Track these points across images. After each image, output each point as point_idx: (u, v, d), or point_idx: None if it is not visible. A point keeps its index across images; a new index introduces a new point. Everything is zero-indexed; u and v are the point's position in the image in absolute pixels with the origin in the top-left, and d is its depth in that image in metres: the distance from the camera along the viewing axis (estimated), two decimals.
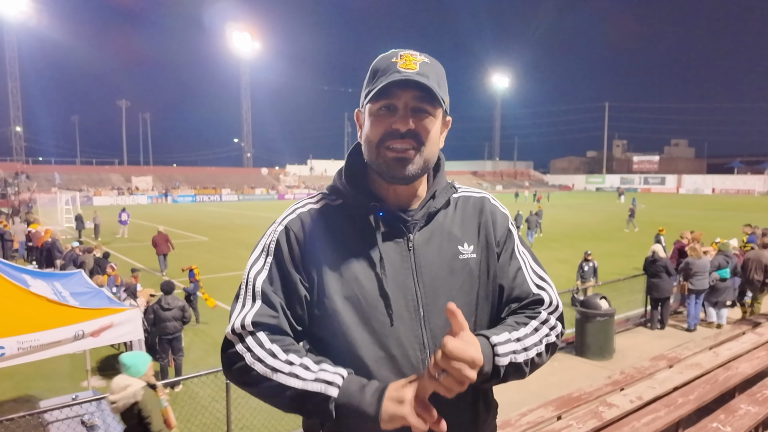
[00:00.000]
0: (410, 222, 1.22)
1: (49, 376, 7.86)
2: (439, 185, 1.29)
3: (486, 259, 1.28)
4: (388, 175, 1.19)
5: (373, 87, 1.16)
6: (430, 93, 1.14)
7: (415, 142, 1.17)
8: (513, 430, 4.26)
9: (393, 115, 1.16)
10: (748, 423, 3.90)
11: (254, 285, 1.20)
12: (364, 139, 1.23)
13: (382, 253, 1.19)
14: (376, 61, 1.22)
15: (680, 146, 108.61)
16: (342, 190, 1.27)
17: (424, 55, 1.20)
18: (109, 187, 55.94)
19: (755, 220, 19.76)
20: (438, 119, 1.21)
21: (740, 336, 6.72)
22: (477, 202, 1.35)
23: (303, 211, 1.26)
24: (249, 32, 75.30)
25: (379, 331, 1.16)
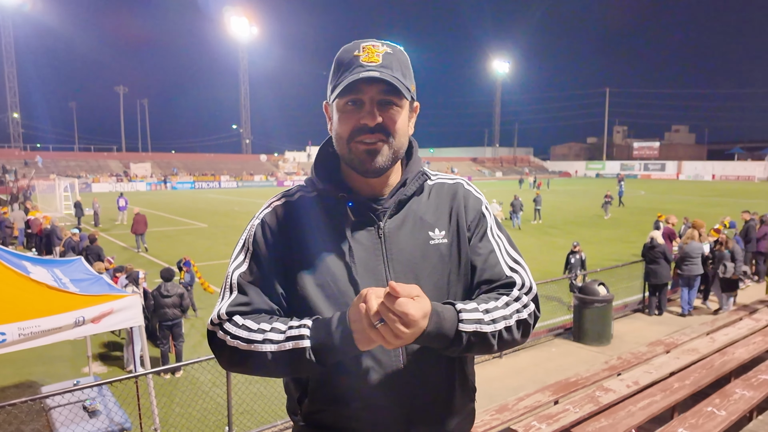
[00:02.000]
0: (380, 210, 1.26)
1: (49, 362, 7.92)
2: (411, 173, 1.32)
3: (457, 243, 1.31)
4: (361, 169, 1.23)
5: (338, 83, 1.19)
6: (394, 86, 1.16)
7: (384, 135, 1.20)
8: (511, 413, 4.31)
9: (360, 110, 1.19)
10: (743, 407, 3.94)
11: (231, 278, 1.26)
12: (335, 134, 1.26)
13: (352, 242, 1.23)
14: (339, 54, 1.24)
15: (681, 132, 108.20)
16: (316, 184, 1.31)
17: (387, 44, 1.22)
18: (108, 174, 55.79)
19: (755, 206, 19.79)
20: (405, 109, 1.24)
21: (737, 322, 6.77)
22: (450, 188, 1.37)
23: (278, 204, 1.32)
24: (247, 17, 74.58)
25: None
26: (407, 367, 1.22)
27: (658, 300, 9.48)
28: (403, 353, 1.21)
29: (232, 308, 1.21)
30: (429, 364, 1.25)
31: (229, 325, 1.19)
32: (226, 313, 1.21)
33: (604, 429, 3.73)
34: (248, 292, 1.23)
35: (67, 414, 4.91)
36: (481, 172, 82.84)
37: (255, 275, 1.25)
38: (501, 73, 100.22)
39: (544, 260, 15.19)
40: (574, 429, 3.83)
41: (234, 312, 1.21)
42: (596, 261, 13.53)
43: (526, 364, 7.43)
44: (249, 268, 1.26)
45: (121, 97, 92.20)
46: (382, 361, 1.21)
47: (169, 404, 6.49)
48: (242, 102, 79.74)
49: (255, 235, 1.28)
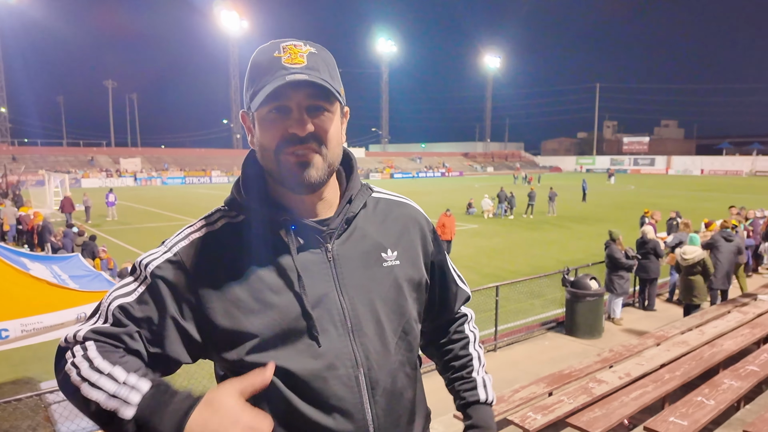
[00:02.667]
0: (326, 231, 1.12)
1: (47, 359, 7.87)
2: (355, 188, 1.19)
3: (411, 266, 1.22)
4: (292, 184, 1.07)
5: (259, 88, 1.03)
6: (324, 89, 1.03)
7: (317, 145, 1.06)
8: (507, 405, 4.41)
9: (286, 117, 1.04)
10: (731, 396, 4.07)
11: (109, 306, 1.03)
12: (260, 147, 1.09)
13: (299, 270, 1.06)
14: (256, 56, 1.08)
15: (670, 127, 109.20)
16: (243, 205, 1.12)
17: (309, 43, 1.08)
18: (97, 169, 55.36)
19: (742, 200, 20.05)
20: (336, 114, 1.10)
21: (726, 315, 6.91)
22: (396, 206, 1.28)
23: (197, 236, 1.09)
24: (237, 11, 74.12)
25: (306, 355, 1.05)
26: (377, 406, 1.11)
27: (647, 294, 9.64)
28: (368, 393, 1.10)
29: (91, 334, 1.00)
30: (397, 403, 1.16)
31: (79, 349, 0.98)
32: (83, 336, 1.00)
33: (598, 419, 3.84)
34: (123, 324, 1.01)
35: (66, 410, 4.95)
36: (473, 167, 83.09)
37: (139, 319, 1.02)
38: (492, 68, 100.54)
39: (535, 255, 15.37)
40: (569, 419, 3.94)
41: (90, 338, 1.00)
42: (587, 255, 13.69)
43: (520, 357, 7.55)
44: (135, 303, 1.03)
45: (110, 92, 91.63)
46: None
47: None
48: (232, 96, 79.36)
49: (162, 273, 1.04)
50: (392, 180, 63.08)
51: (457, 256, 15.03)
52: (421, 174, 71.17)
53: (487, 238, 18.49)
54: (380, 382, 1.11)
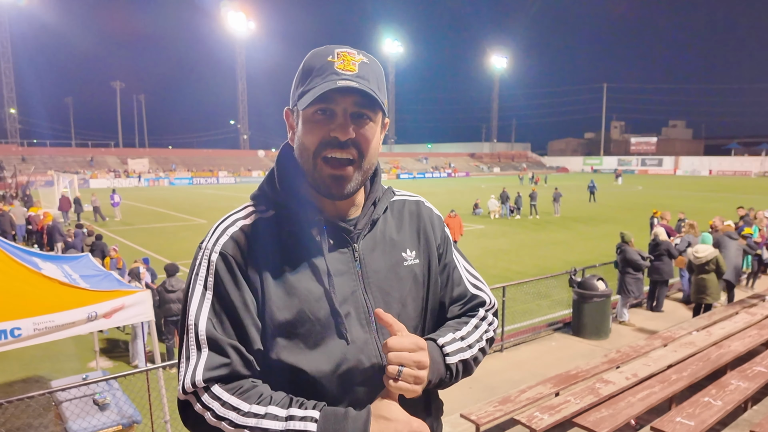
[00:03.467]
0: (354, 232, 1.16)
1: (56, 358, 8.02)
2: (379, 192, 1.24)
3: (428, 264, 1.27)
4: (325, 193, 1.12)
5: (308, 89, 1.07)
6: (372, 98, 1.07)
7: (356, 153, 1.09)
8: (513, 405, 4.43)
9: (331, 120, 1.08)
10: (738, 397, 4.07)
11: (197, 331, 1.06)
12: (299, 145, 1.13)
13: (330, 269, 1.11)
14: (309, 58, 1.12)
15: (678, 127, 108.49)
16: (277, 201, 1.16)
17: (363, 53, 1.12)
18: (105, 170, 55.73)
19: (751, 201, 19.94)
20: (378, 124, 1.14)
21: (733, 316, 6.89)
22: (412, 205, 1.32)
23: (235, 230, 1.12)
24: (244, 12, 74.38)
25: (335, 352, 1.09)
26: None
27: (657, 295, 9.60)
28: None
29: (209, 373, 1.02)
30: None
31: (209, 398, 1.01)
32: (203, 379, 1.01)
33: (605, 419, 3.85)
34: (224, 348, 1.04)
35: (77, 407, 5.01)
36: (479, 167, 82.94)
37: (224, 322, 1.06)
38: (499, 68, 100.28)
39: (542, 255, 15.33)
40: (576, 419, 3.96)
41: (212, 378, 1.02)
42: (594, 256, 13.67)
43: (526, 357, 7.56)
44: (217, 315, 1.07)
45: (117, 93, 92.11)
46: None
47: (175, 398, 6.59)
48: (240, 97, 79.62)
49: (217, 271, 1.08)
50: (398, 180, 63.08)
51: None
52: (427, 174, 71.16)
53: (494, 239, 18.48)
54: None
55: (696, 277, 7.95)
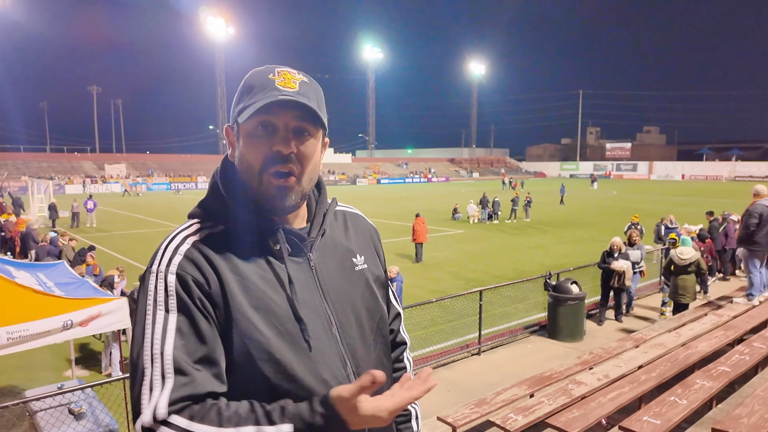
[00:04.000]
0: (308, 240, 1.19)
1: (30, 367, 7.88)
2: (326, 204, 1.29)
3: (375, 267, 1.34)
4: (269, 206, 1.13)
5: (250, 103, 1.09)
6: (312, 112, 1.10)
7: (299, 167, 1.12)
8: (489, 407, 4.53)
9: (272, 135, 1.09)
10: (703, 396, 4.21)
11: (163, 360, 0.99)
12: (241, 162, 1.14)
13: (291, 275, 1.13)
14: (249, 77, 1.15)
15: (652, 133, 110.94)
16: (226, 216, 1.15)
17: (302, 73, 1.15)
18: (81, 175, 54.75)
19: (721, 205, 20.50)
20: (318, 141, 1.16)
21: (702, 317, 7.10)
22: (355, 217, 1.38)
23: (187, 248, 1.09)
24: (223, 17, 73.92)
25: (301, 359, 1.10)
26: None
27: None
28: None
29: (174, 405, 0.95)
30: None
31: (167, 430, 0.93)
32: (167, 412, 0.94)
33: (576, 419, 3.96)
34: (191, 375, 0.99)
35: (52, 417, 4.95)
36: (459, 172, 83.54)
37: (194, 347, 1.01)
38: (477, 75, 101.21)
39: (519, 259, 15.55)
40: (549, 419, 4.05)
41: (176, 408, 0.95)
42: (569, 260, 13.91)
43: (503, 360, 7.68)
44: (185, 338, 1.01)
45: (94, 97, 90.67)
46: None
47: None
48: (218, 102, 78.89)
49: (179, 293, 1.04)
50: (379, 185, 63.19)
51: (443, 260, 15.19)
52: (407, 180, 71.47)
53: (473, 243, 18.66)
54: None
55: (676, 278, 8.21)
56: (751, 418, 3.61)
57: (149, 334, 1.02)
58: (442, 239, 19.56)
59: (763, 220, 7.02)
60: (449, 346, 8.09)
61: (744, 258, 7.48)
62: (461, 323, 8.62)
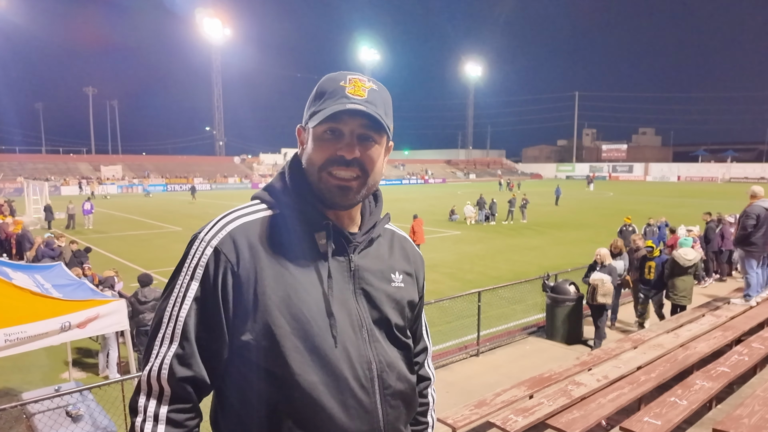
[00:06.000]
0: (353, 243, 1.23)
1: (27, 369, 7.84)
2: (379, 215, 1.33)
3: (411, 291, 1.36)
4: (329, 202, 1.19)
5: (320, 110, 1.15)
6: (378, 122, 1.16)
7: (360, 171, 1.17)
8: (489, 408, 4.52)
9: (338, 140, 1.15)
10: (702, 396, 4.22)
11: (175, 323, 1.12)
12: (307, 159, 1.21)
13: (331, 271, 1.18)
14: (323, 82, 1.21)
15: (647, 135, 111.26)
16: (286, 202, 1.22)
17: (372, 80, 1.21)
18: (77, 177, 54.55)
19: (717, 206, 20.55)
20: (383, 147, 1.22)
21: (700, 318, 7.12)
22: (402, 239, 1.42)
23: (234, 228, 1.16)
24: (220, 18, 73.88)
25: (325, 353, 1.13)
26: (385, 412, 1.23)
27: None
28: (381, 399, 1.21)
29: (172, 377, 1.10)
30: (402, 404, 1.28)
31: (151, 404, 1.10)
32: (168, 382, 1.10)
33: (577, 420, 3.96)
34: (192, 353, 1.11)
35: (49, 420, 4.92)
36: (455, 174, 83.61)
37: (204, 320, 1.12)
38: (474, 76, 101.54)
39: (517, 260, 15.56)
40: (549, 421, 4.05)
41: (174, 380, 1.10)
42: (566, 261, 13.92)
43: (502, 361, 7.68)
44: (199, 308, 1.12)
45: (90, 99, 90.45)
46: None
47: None
48: (215, 104, 78.84)
49: (208, 267, 1.12)
50: None
51: (440, 262, 15.18)
52: (404, 181, 71.56)
53: (470, 245, 18.67)
54: (390, 383, 1.22)
55: (677, 279, 8.26)
56: (751, 418, 3.62)
57: (172, 292, 1.14)
58: (439, 240, 19.57)
59: (760, 222, 7.04)
60: (448, 347, 8.08)
61: (741, 259, 7.50)
62: (459, 324, 8.62)
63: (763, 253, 7.22)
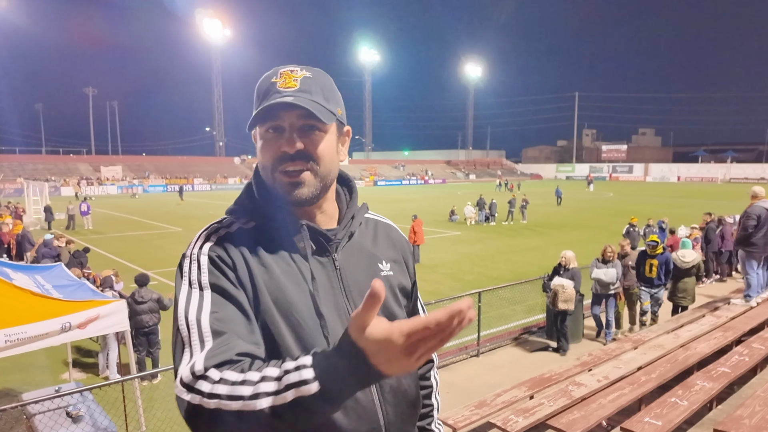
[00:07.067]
0: (333, 241, 1.21)
1: (27, 370, 7.84)
2: (356, 207, 1.32)
3: (402, 276, 1.34)
4: (285, 199, 1.17)
5: (255, 111, 1.14)
6: (316, 108, 1.12)
7: (307, 162, 1.14)
8: (489, 408, 4.53)
9: (281, 136, 1.14)
10: (703, 397, 4.22)
11: (200, 327, 1.03)
12: (260, 163, 1.21)
13: (314, 271, 1.16)
14: (259, 82, 1.19)
15: (647, 135, 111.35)
16: (257, 211, 1.21)
17: (306, 68, 1.18)
18: (77, 177, 54.56)
19: (716, 206, 20.58)
20: (331, 133, 1.18)
21: (700, 318, 7.12)
22: (386, 226, 1.40)
23: (219, 236, 1.16)
24: (219, 19, 73.91)
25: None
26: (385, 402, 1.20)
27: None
28: (378, 393, 1.18)
29: (209, 360, 0.96)
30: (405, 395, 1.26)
31: (203, 382, 0.93)
32: (203, 367, 0.95)
33: (577, 421, 3.96)
34: (229, 340, 1.01)
35: (49, 421, 4.92)
36: (455, 174, 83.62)
37: (230, 318, 1.06)
38: (473, 77, 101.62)
39: (517, 261, 15.56)
40: (549, 421, 4.06)
41: (210, 362, 0.96)
42: None
43: (502, 362, 7.68)
44: (220, 309, 1.06)
45: (90, 99, 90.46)
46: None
47: (149, 409, 6.51)
48: (215, 104, 78.88)
49: (211, 270, 1.10)
50: (376, 187, 63.21)
51: (440, 262, 15.18)
52: (404, 182, 71.57)
53: (470, 245, 18.67)
54: (387, 381, 1.18)
55: (677, 281, 8.29)
56: (752, 419, 3.62)
57: (185, 309, 1.07)
58: (439, 241, 19.57)
59: (761, 222, 7.04)
60: (448, 347, 8.07)
61: (741, 259, 7.50)
62: None
63: (763, 254, 7.22)
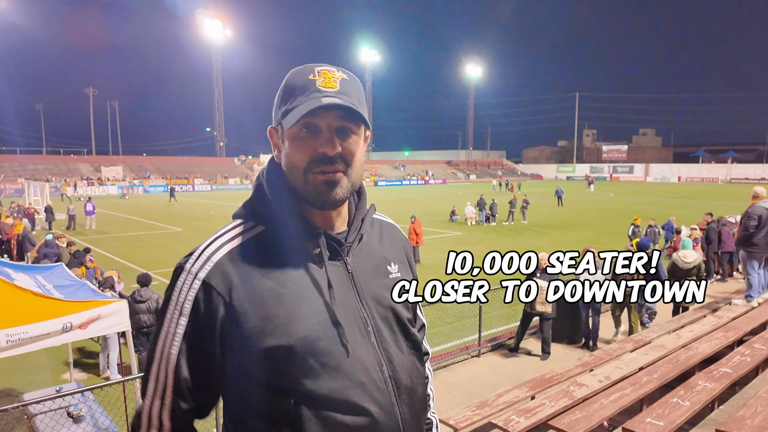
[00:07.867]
0: (345, 245, 1.19)
1: (28, 370, 7.84)
2: (365, 209, 1.29)
3: (408, 277, 1.35)
4: (318, 201, 1.13)
5: (292, 107, 1.10)
6: (354, 112, 1.10)
7: (344, 166, 1.12)
8: (491, 409, 4.52)
9: (316, 137, 1.10)
10: (705, 398, 4.21)
11: (168, 357, 1.08)
12: (288, 163, 1.15)
13: (330, 280, 1.13)
14: (290, 77, 1.15)
15: (648, 135, 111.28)
16: (267, 216, 1.17)
17: (342, 70, 1.16)
18: (78, 177, 54.57)
19: (717, 206, 20.56)
20: (361, 137, 1.17)
21: (701, 319, 7.11)
22: (390, 228, 1.40)
23: (220, 257, 1.11)
24: (220, 19, 73.91)
25: (339, 364, 1.09)
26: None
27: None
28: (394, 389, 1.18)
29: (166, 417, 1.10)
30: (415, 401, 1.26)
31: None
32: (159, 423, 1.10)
33: (579, 421, 3.95)
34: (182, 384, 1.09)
35: (50, 421, 4.92)
36: (456, 174, 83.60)
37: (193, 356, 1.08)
38: (474, 77, 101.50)
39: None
40: (551, 422, 4.05)
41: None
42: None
43: (502, 362, 7.67)
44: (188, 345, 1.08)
45: (90, 99, 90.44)
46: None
47: None
48: (216, 104, 78.85)
49: (197, 301, 1.07)
50: (376, 187, 63.21)
51: (440, 262, 15.16)
52: (405, 182, 71.59)
53: (471, 245, 18.65)
54: (402, 381, 1.19)
55: (678, 282, 8.28)
56: (754, 419, 3.61)
57: (164, 327, 1.10)
58: (440, 241, 19.57)
59: (762, 222, 7.04)
60: (449, 348, 8.08)
61: (743, 260, 7.49)
62: (461, 325, 8.62)
63: (764, 254, 7.21)
